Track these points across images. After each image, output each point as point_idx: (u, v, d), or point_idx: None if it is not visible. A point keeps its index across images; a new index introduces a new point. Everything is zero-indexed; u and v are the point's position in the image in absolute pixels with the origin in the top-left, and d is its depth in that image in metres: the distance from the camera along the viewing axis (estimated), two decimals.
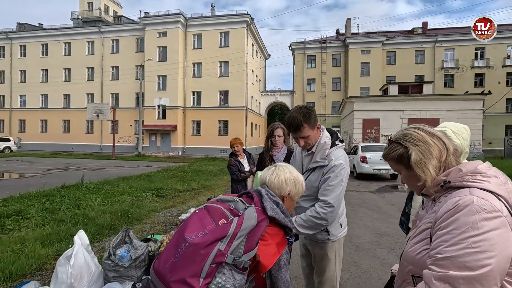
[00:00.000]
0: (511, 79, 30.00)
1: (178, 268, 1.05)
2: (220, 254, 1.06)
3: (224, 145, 28.03)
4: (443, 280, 0.78)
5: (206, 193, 8.39)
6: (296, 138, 1.88)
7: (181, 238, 1.08)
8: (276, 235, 1.19)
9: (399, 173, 1.09)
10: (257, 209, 1.17)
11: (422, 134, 0.99)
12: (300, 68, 35.30)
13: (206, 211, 1.18)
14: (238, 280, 1.09)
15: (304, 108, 1.82)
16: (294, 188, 1.38)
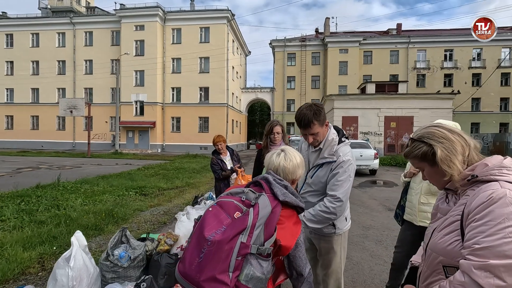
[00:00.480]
0: (476, 80, 32.04)
1: (205, 268, 1.06)
2: (244, 247, 1.08)
3: (205, 142, 27.74)
4: (483, 269, 0.83)
5: (191, 191, 8.27)
6: (305, 134, 1.91)
7: (202, 238, 1.09)
8: (291, 216, 1.24)
9: (421, 170, 1.14)
10: (268, 196, 1.19)
11: (443, 131, 1.04)
12: (280, 66, 35.54)
13: (219, 206, 1.19)
14: (265, 267, 1.13)
15: (314, 105, 1.85)
16: (303, 170, 1.46)
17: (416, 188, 2.25)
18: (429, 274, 1.07)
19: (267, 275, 1.14)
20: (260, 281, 1.12)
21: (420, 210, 2.19)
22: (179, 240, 2.84)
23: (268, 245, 1.13)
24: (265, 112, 55.25)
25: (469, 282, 0.85)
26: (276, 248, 1.18)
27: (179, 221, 3.04)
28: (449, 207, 1.11)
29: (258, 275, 1.10)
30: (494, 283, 0.82)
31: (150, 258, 2.68)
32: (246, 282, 1.09)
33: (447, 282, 0.94)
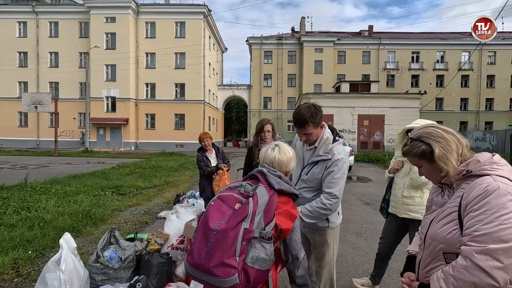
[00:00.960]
0: (440, 81, 34.24)
1: (213, 255, 1.14)
2: (247, 232, 1.17)
3: (181, 139, 27.23)
4: (484, 253, 0.94)
5: (170, 190, 8.12)
6: (299, 133, 1.98)
7: (208, 229, 1.18)
8: (287, 202, 1.36)
9: (419, 167, 1.25)
10: (265, 186, 1.30)
11: (440, 131, 1.15)
12: (257, 63, 35.62)
13: (220, 200, 1.28)
14: (268, 249, 1.22)
15: (313, 107, 1.90)
16: (295, 163, 1.60)
17: (399, 183, 2.41)
18: (430, 261, 1.17)
19: (270, 256, 1.23)
20: (265, 261, 1.21)
21: (403, 203, 2.35)
22: (169, 239, 2.80)
23: (269, 229, 1.23)
24: (241, 110, 55.14)
25: (471, 265, 0.96)
26: (278, 232, 1.28)
27: (168, 220, 3.00)
28: (444, 200, 1.22)
29: (263, 256, 1.19)
30: (493, 265, 0.93)
31: (140, 258, 2.63)
32: (252, 263, 1.17)
33: (450, 266, 1.04)
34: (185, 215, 3.07)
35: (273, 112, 35.43)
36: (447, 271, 1.04)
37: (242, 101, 45.18)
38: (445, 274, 1.05)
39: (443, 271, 1.07)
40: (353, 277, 2.93)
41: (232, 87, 36.94)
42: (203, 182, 3.97)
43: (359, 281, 2.81)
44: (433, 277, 1.10)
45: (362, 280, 2.81)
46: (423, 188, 2.28)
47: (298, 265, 1.38)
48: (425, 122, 2.26)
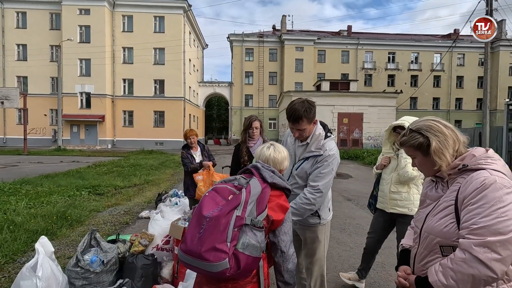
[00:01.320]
0: (414, 81, 35.73)
1: (205, 240, 1.17)
2: (239, 219, 1.21)
3: (161, 137, 26.58)
4: (482, 245, 0.95)
5: (151, 189, 7.89)
6: (292, 128, 1.96)
7: (201, 217, 1.22)
8: (279, 195, 1.40)
9: (413, 158, 1.25)
10: (258, 179, 1.35)
11: (440, 126, 1.15)
12: (238, 61, 35.41)
13: (214, 191, 1.32)
14: (259, 236, 1.25)
15: (307, 102, 1.89)
16: (289, 162, 1.66)
17: (387, 179, 2.45)
18: (426, 254, 1.18)
19: (261, 244, 1.26)
20: (255, 248, 1.23)
21: (391, 198, 2.40)
22: (154, 239, 2.70)
23: (261, 218, 1.27)
24: (222, 107, 54.69)
25: (470, 258, 0.97)
26: (270, 223, 1.32)
27: (153, 220, 2.88)
28: (438, 194, 1.23)
29: (253, 242, 1.22)
30: (492, 257, 0.94)
31: (124, 260, 2.51)
32: (243, 249, 1.20)
33: (448, 259, 1.05)
34: (171, 215, 2.96)
35: (254, 109, 35.39)
36: (445, 264, 1.05)
37: (223, 98, 44.80)
38: (443, 267, 1.05)
39: (441, 264, 1.08)
40: (340, 272, 2.96)
41: (213, 84, 36.50)
42: (188, 181, 3.87)
43: (346, 276, 2.84)
44: (431, 270, 1.11)
45: (349, 274, 2.85)
46: (409, 183, 2.33)
47: (288, 258, 1.38)
48: (412, 119, 2.32)
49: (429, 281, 1.09)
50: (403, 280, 1.24)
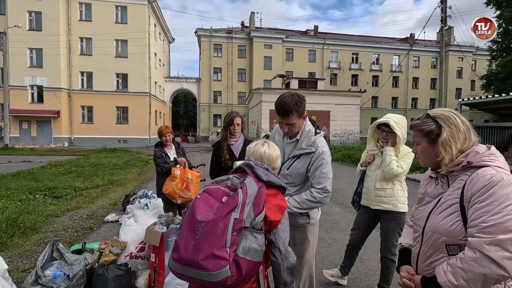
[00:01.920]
0: (375, 81, 37.77)
1: (202, 247, 1.07)
2: (238, 222, 1.12)
3: (124, 134, 25.19)
4: (493, 244, 0.93)
5: (117, 190, 7.38)
6: (281, 123, 1.87)
7: (195, 221, 1.12)
8: (276, 194, 1.33)
9: (417, 143, 1.21)
10: (253, 178, 1.27)
11: (458, 119, 1.12)
12: (206, 56, 34.68)
13: (207, 193, 1.22)
14: (259, 239, 1.18)
15: (297, 95, 1.81)
16: (281, 161, 1.61)
17: (371, 176, 2.47)
18: (431, 254, 1.15)
19: (262, 247, 1.18)
20: (256, 252, 1.16)
21: (375, 195, 2.41)
22: (127, 247, 2.45)
23: (259, 219, 1.18)
24: (190, 103, 53.39)
25: (481, 257, 0.94)
26: (267, 224, 1.24)
27: (124, 225, 2.62)
28: (438, 191, 1.20)
29: (255, 246, 1.15)
30: (504, 255, 0.92)
31: (92, 273, 2.24)
32: (244, 254, 1.12)
33: (457, 259, 1.02)
34: (145, 219, 2.72)
35: (223, 106, 35.00)
36: (455, 264, 1.02)
37: (190, 94, 43.69)
38: (453, 267, 1.02)
39: (450, 264, 1.05)
40: (323, 269, 2.95)
41: (180, 80, 35.37)
42: (161, 181, 3.59)
43: (329, 273, 2.83)
44: (439, 270, 1.08)
45: (332, 271, 2.84)
46: (394, 180, 2.36)
47: (287, 257, 1.29)
48: (394, 116, 2.34)
49: (438, 281, 1.06)
50: (408, 281, 1.20)
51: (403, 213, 2.38)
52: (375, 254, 3.51)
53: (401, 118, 2.37)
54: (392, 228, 2.39)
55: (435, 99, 38.29)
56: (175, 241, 1.25)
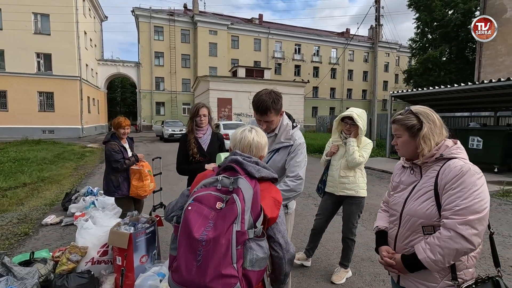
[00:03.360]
0: (316, 72, 39.96)
1: (207, 268, 1.01)
2: (241, 234, 1.05)
3: (50, 124, 22.16)
4: (465, 224, 1.13)
5: (50, 188, 6.54)
6: (259, 120, 1.89)
7: (193, 241, 1.03)
8: (269, 188, 1.25)
9: (398, 137, 1.36)
10: (245, 177, 1.16)
11: (435, 116, 1.31)
12: (146, 39, 32.15)
13: (198, 202, 1.11)
14: (264, 246, 1.14)
15: (274, 93, 1.84)
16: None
17: (336, 165, 2.66)
18: (409, 234, 1.32)
19: (267, 252, 1.16)
20: (263, 260, 1.13)
21: (340, 182, 2.62)
22: (88, 252, 2.22)
23: (259, 224, 1.12)
24: (128, 89, 49.29)
25: (455, 235, 1.13)
26: (265, 222, 1.18)
27: (81, 229, 2.35)
28: (412, 179, 1.38)
29: (261, 256, 1.11)
30: (472, 232, 1.13)
31: (48, 285, 1.99)
32: (252, 266, 1.08)
33: (434, 237, 1.20)
34: (105, 220, 2.49)
35: (166, 93, 33.21)
36: (433, 242, 1.20)
37: (128, 80, 40.32)
38: (431, 245, 1.20)
39: (428, 242, 1.22)
40: None
41: (117, 64, 32.19)
42: (117, 178, 3.24)
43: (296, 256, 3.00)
44: (418, 248, 1.25)
45: (298, 255, 3.02)
46: (355, 168, 2.59)
47: (288, 249, 1.25)
48: (357, 110, 2.54)
49: (418, 258, 1.23)
50: (389, 259, 1.36)
51: (363, 198, 2.65)
52: (331, 235, 3.84)
53: (362, 112, 2.59)
54: (354, 211, 2.64)
55: (367, 90, 42.38)
56: (172, 260, 1.12)
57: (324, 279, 2.83)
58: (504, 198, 5.93)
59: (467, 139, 8.53)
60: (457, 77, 22.87)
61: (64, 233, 3.99)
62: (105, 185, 3.30)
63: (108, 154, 3.18)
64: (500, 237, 3.91)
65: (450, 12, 23.48)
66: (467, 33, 23.22)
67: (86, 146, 15.65)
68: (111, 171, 3.24)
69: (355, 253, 3.03)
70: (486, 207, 1.14)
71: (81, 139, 20.62)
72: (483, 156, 8.22)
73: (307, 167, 1.95)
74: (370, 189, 6.41)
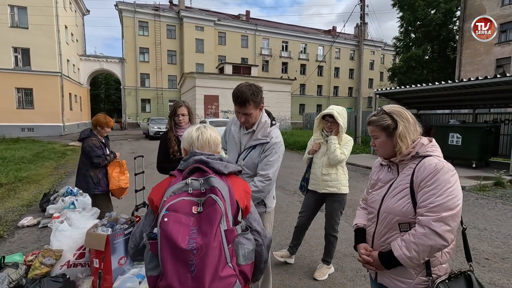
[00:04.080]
0: (303, 69, 40.17)
1: (204, 275, 0.97)
2: (230, 232, 1.04)
3: (29, 121, 21.37)
4: (438, 220, 1.14)
5: (28, 188, 6.30)
6: (238, 113, 1.88)
7: (182, 252, 0.97)
8: (237, 181, 1.24)
9: (375, 137, 1.37)
10: (215, 175, 1.15)
11: (408, 114, 1.32)
12: (130, 34, 31.38)
13: (172, 211, 1.04)
14: (251, 238, 1.15)
15: (254, 86, 1.83)
16: None
17: (318, 163, 2.67)
18: (386, 232, 1.33)
19: (254, 242, 1.17)
20: (253, 252, 1.14)
21: (322, 180, 2.63)
22: (63, 255, 2.14)
23: (240, 218, 1.12)
24: (112, 86, 48.10)
25: (429, 232, 1.15)
26: (242, 214, 1.18)
27: (56, 231, 2.25)
28: (389, 177, 1.39)
29: (251, 248, 1.12)
30: (445, 229, 1.14)
31: None
32: (245, 260, 1.09)
33: (409, 235, 1.21)
34: (81, 222, 2.40)
35: (152, 90, 32.60)
36: (408, 239, 1.21)
37: (112, 76, 39.35)
38: (407, 242, 1.21)
39: (404, 239, 1.23)
40: (271, 251, 3.12)
41: (100, 59, 31.29)
42: (97, 174, 3.27)
43: (278, 254, 3.01)
44: (395, 245, 1.26)
45: (282, 252, 3.03)
46: (337, 166, 2.61)
47: (266, 235, 1.25)
48: (337, 107, 2.55)
49: (394, 255, 1.24)
50: (366, 257, 1.37)
51: (345, 194, 2.67)
52: (314, 232, 3.87)
53: (342, 109, 2.60)
54: (336, 208, 2.66)
55: (353, 88, 43.00)
56: (155, 280, 1.07)
57: (307, 276, 2.84)
58: (481, 192, 6.16)
59: (447, 135, 8.79)
60: (439, 75, 23.54)
61: (41, 235, 3.85)
62: (83, 182, 3.29)
63: (89, 149, 3.18)
64: (475, 231, 4.05)
65: (432, 12, 24.07)
66: (448, 32, 23.92)
67: (68, 144, 15.17)
68: (90, 167, 3.25)
69: (338, 249, 3.06)
70: (459, 204, 1.16)
71: (63, 137, 19.97)
72: (462, 152, 8.50)
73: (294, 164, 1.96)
74: (355, 185, 6.52)
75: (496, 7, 17.47)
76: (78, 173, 3.36)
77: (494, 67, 17.79)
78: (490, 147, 8.63)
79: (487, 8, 17.85)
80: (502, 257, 3.27)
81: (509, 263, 3.12)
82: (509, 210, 5.02)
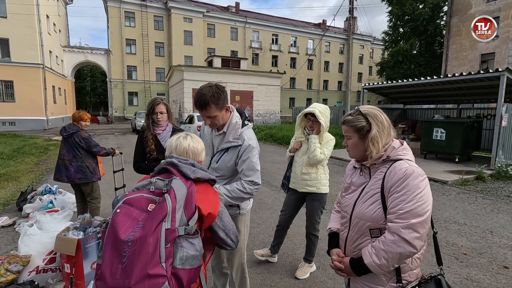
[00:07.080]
0: (293, 63, 40.04)
1: (133, 270, 0.96)
2: (170, 232, 1.03)
3: (10, 115, 20.67)
4: (408, 227, 1.11)
5: (6, 185, 6.09)
6: (202, 116, 1.81)
7: (119, 242, 0.99)
8: (206, 189, 1.25)
9: (348, 138, 1.33)
10: (180, 178, 1.16)
11: (383, 117, 1.28)
12: (116, 25, 30.47)
13: (128, 205, 1.08)
14: (197, 244, 1.12)
15: (215, 87, 1.74)
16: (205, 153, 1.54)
17: (298, 161, 2.64)
18: (357, 237, 1.31)
19: (200, 251, 1.14)
20: (196, 258, 1.11)
21: (302, 179, 2.60)
22: (32, 261, 2.05)
23: (192, 223, 1.11)
24: (98, 78, 46.91)
25: (398, 239, 1.12)
26: (203, 222, 1.18)
27: (25, 235, 2.15)
28: (362, 180, 1.36)
29: (193, 253, 1.09)
30: (414, 236, 1.12)
31: None
32: (182, 264, 1.06)
33: (379, 242, 1.18)
34: (52, 224, 2.31)
35: (139, 83, 31.93)
36: (378, 246, 1.18)
37: (98, 68, 38.30)
38: (376, 249, 1.19)
39: (374, 246, 1.21)
40: (254, 250, 3.09)
41: (85, 51, 30.35)
42: (92, 163, 3.62)
43: (259, 253, 2.99)
44: (365, 252, 1.24)
45: (262, 251, 3.01)
46: (317, 165, 2.58)
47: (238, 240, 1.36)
48: (320, 106, 2.51)
49: (364, 262, 1.22)
50: (338, 263, 1.35)
51: (325, 194, 2.65)
52: (298, 229, 3.86)
53: (325, 108, 2.56)
54: (316, 208, 2.65)
55: (342, 82, 43.22)
56: (97, 267, 1.05)
57: (288, 274, 2.83)
58: (463, 187, 6.30)
59: (432, 130, 8.94)
60: (426, 70, 23.85)
61: (16, 236, 3.70)
62: (80, 173, 3.51)
63: (87, 140, 3.52)
64: (455, 226, 4.13)
65: (420, 7, 24.24)
66: (436, 27, 24.18)
67: (51, 139, 14.73)
68: (86, 158, 3.54)
69: (320, 246, 3.06)
70: (428, 210, 1.14)
71: (46, 131, 19.39)
72: (446, 146, 8.67)
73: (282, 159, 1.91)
74: (340, 180, 6.55)
75: (481, 3, 17.70)
76: (67, 167, 3.51)
77: (479, 62, 18.12)
78: (473, 142, 8.83)
79: (473, 4, 18.08)
80: (479, 252, 3.35)
81: (485, 258, 3.20)
82: (488, 204, 5.15)
